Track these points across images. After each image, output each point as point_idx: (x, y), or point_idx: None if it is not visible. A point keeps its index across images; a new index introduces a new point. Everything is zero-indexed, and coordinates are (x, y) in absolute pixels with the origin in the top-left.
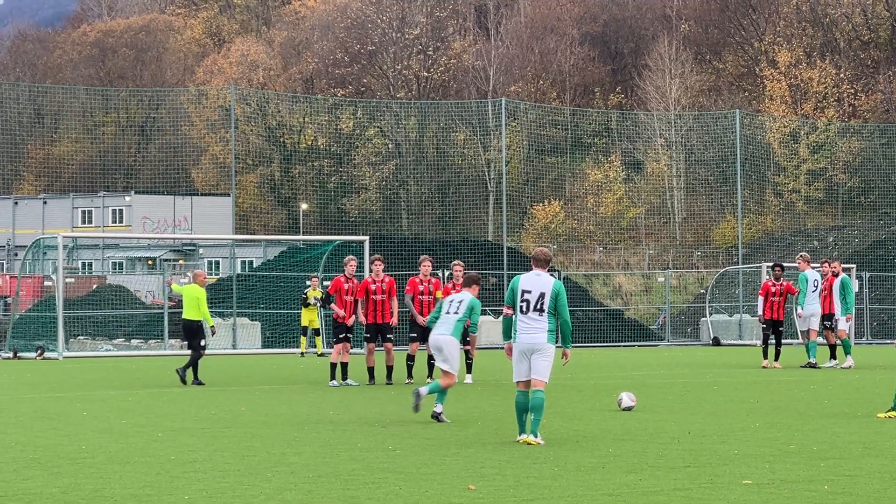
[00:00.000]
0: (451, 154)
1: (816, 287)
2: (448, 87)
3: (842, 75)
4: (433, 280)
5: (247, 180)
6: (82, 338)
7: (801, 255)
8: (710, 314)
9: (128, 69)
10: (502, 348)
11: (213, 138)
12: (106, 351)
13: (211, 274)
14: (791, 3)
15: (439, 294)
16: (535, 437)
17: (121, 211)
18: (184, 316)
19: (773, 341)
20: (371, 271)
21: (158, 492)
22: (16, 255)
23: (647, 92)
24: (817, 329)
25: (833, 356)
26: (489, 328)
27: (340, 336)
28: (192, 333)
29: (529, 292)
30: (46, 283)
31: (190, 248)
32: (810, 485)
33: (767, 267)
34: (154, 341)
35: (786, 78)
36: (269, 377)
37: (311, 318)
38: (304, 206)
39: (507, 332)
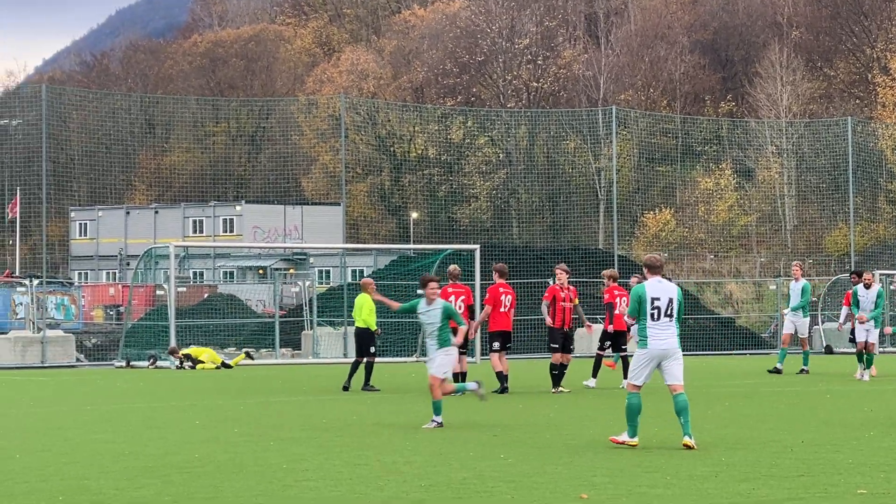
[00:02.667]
0: (561, 163)
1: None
2: (558, 95)
3: None
4: (572, 287)
5: (357, 189)
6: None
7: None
8: (822, 322)
9: (238, 79)
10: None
11: (323, 147)
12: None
13: (321, 283)
14: None
15: (577, 301)
16: (690, 438)
17: (232, 220)
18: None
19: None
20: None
21: (271, 500)
22: (128, 264)
23: (758, 99)
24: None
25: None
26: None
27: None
28: (364, 340)
29: (659, 299)
30: (158, 293)
31: (300, 257)
32: None
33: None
34: (265, 350)
35: None
36: (379, 386)
37: None
38: (414, 214)
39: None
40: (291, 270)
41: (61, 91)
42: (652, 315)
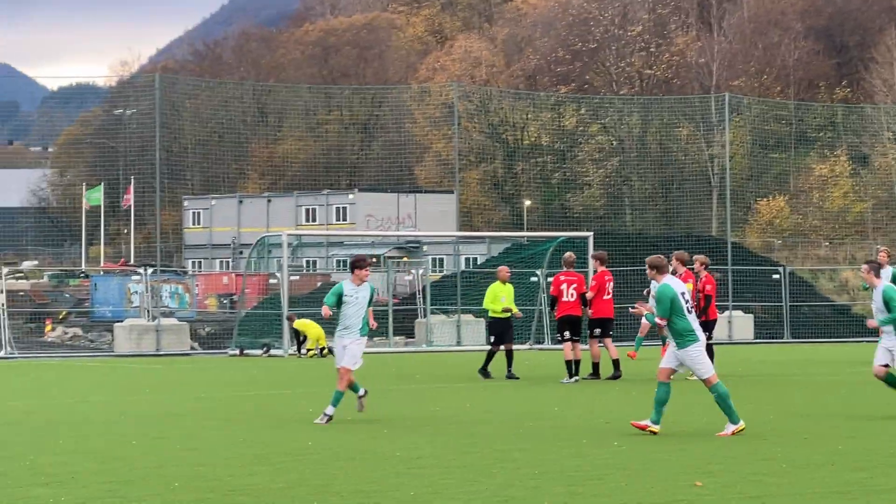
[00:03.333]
0: (674, 150)
1: None
2: (671, 82)
3: None
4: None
5: (470, 177)
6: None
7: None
8: None
9: (350, 67)
10: (745, 343)
11: (436, 135)
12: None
13: (435, 271)
14: None
15: (689, 286)
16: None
17: (345, 209)
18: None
19: None
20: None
21: (384, 487)
22: (241, 253)
23: (874, 85)
24: None
25: None
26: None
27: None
28: (501, 329)
29: (684, 294)
30: (271, 281)
31: (414, 245)
32: None
33: None
34: (378, 338)
35: None
36: (493, 374)
37: None
38: (527, 202)
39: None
40: (405, 259)
41: (174, 80)
42: (688, 309)
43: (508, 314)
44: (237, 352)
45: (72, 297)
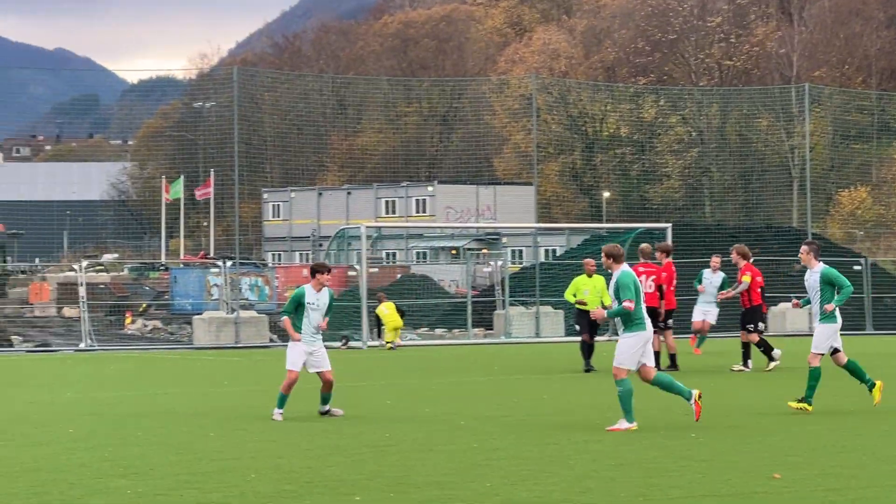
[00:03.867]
0: (753, 141)
1: None
2: (750, 73)
3: None
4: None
5: (549, 169)
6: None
7: None
8: None
9: (429, 59)
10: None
11: (514, 127)
12: (410, 340)
13: (514, 263)
14: None
15: (747, 278)
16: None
17: (424, 201)
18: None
19: None
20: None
21: (461, 479)
22: (320, 245)
23: None
24: None
25: None
26: (794, 315)
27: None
28: (588, 320)
29: (641, 284)
30: (350, 273)
31: (493, 237)
32: None
33: None
34: (458, 330)
35: None
36: (571, 365)
37: None
38: (606, 193)
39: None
40: (484, 250)
41: (253, 73)
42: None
43: (584, 306)
44: None
45: (152, 289)
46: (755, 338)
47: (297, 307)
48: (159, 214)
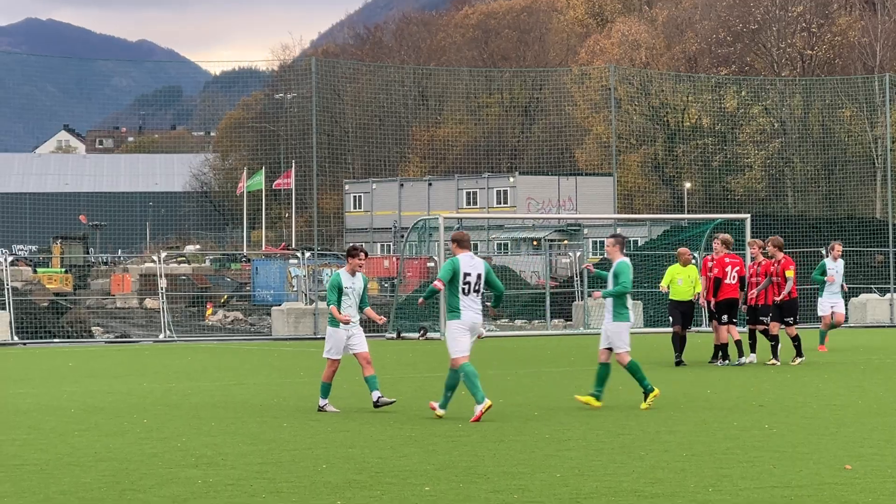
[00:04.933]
0: (836, 131)
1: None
2: (833, 63)
3: None
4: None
5: (630, 160)
6: None
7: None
8: None
9: (511, 50)
10: (887, 326)
11: (595, 118)
12: (489, 331)
13: (595, 254)
14: None
15: (790, 272)
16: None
17: (505, 192)
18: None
19: None
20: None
21: (531, 469)
22: (402, 236)
23: None
24: None
25: None
26: (875, 306)
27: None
28: (680, 311)
29: (469, 275)
30: (429, 265)
31: (574, 228)
32: None
33: None
34: (538, 321)
35: None
36: (647, 356)
37: None
38: (687, 184)
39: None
40: (565, 241)
41: (334, 64)
42: (463, 290)
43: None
44: (394, 335)
45: (233, 281)
46: (793, 331)
47: (339, 293)
48: (241, 205)
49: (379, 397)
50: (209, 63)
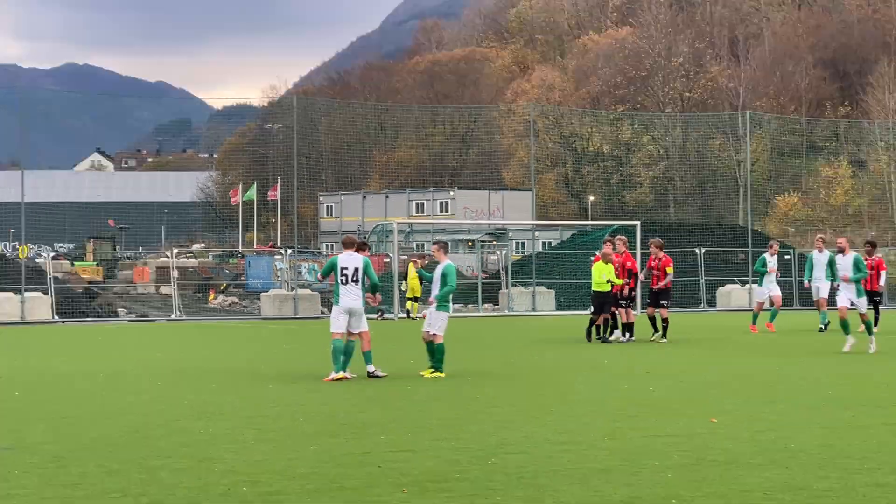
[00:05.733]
0: (708, 157)
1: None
2: (706, 103)
3: None
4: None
5: (546, 178)
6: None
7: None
8: None
9: (452, 91)
10: (746, 310)
11: (518, 145)
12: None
13: (517, 252)
14: None
15: (670, 269)
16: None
17: (447, 203)
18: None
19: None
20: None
21: (464, 422)
22: (364, 238)
23: (870, 105)
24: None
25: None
26: (738, 294)
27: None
28: (601, 301)
29: (346, 268)
30: (386, 261)
31: (501, 231)
32: None
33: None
34: (472, 305)
35: None
36: (560, 335)
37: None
38: (591, 198)
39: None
40: (493, 242)
41: (312, 101)
42: (342, 280)
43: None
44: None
45: (230, 272)
46: (665, 313)
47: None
48: (237, 213)
49: (374, 370)
50: (213, 99)
